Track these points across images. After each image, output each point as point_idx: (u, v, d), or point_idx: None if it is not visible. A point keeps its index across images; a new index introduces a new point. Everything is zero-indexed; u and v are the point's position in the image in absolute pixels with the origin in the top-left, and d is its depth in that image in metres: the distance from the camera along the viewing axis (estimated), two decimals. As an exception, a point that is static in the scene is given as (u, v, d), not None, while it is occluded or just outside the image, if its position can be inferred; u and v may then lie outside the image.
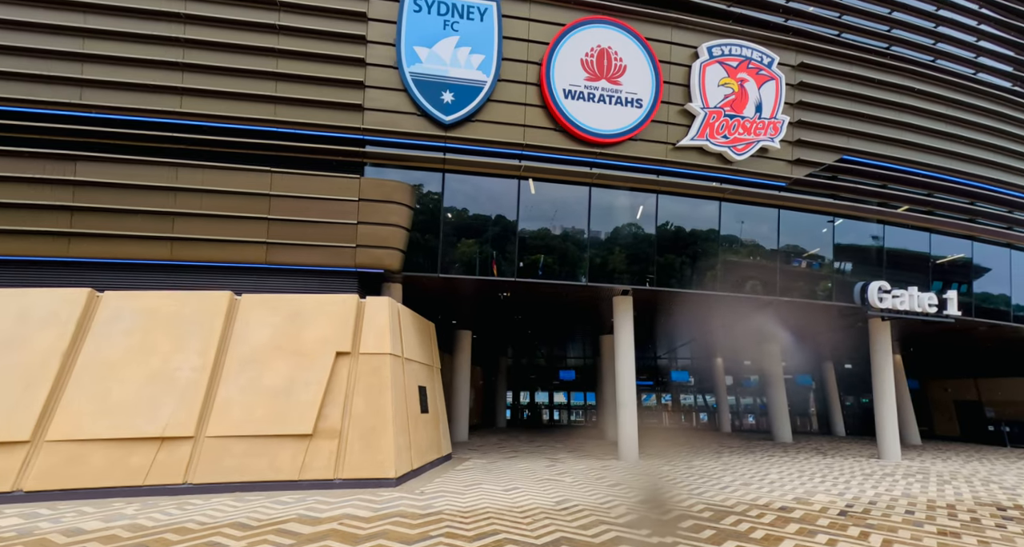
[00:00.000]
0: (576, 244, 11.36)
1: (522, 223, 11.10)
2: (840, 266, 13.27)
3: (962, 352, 21.77)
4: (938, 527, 6.09)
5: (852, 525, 6.01)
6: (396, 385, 8.91)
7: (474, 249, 10.95)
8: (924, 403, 26.55)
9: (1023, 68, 15.19)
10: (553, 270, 11.23)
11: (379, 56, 10.27)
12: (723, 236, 12.12)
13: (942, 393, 25.57)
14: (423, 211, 10.75)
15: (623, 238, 11.72)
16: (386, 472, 8.04)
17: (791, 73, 12.32)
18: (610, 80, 11.07)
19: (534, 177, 11.16)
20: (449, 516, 5.97)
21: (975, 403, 23.55)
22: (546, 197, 11.37)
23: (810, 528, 5.79)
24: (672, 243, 11.96)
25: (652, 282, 11.64)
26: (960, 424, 24.00)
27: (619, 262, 11.65)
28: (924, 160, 13.40)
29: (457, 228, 10.89)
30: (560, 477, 9.24)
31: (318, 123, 9.94)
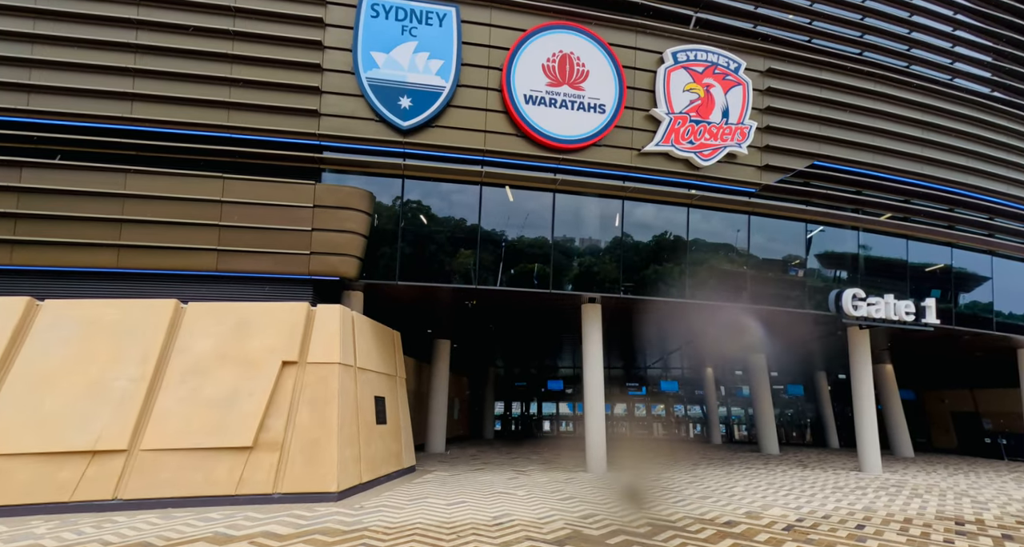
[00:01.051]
0: (540, 251, 11.16)
1: (484, 230, 10.92)
2: (816, 273, 13.04)
3: (958, 362, 21.33)
4: (880, 542, 5.80)
5: (791, 541, 5.73)
6: (345, 395, 8.67)
7: (434, 256, 10.76)
8: (921, 415, 26.05)
9: (1001, 73, 15.09)
10: (516, 277, 11.03)
11: (336, 61, 10.18)
12: (692, 243, 11.92)
13: (939, 404, 25.03)
14: (382, 218, 10.59)
15: (589, 245, 11.54)
16: (328, 486, 7.77)
17: (759, 78, 12.20)
18: (572, 86, 10.96)
19: (496, 183, 11.01)
20: (372, 533, 5.71)
21: (972, 414, 23.05)
22: (509, 204, 11.20)
23: (744, 544, 5.52)
24: (640, 250, 11.77)
25: (619, 290, 11.42)
26: (957, 436, 23.41)
27: (584, 269, 11.44)
28: (900, 166, 13.23)
29: (417, 235, 10.71)
30: (515, 490, 8.95)
31: (273, 129, 9.83)
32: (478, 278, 10.76)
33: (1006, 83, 14.90)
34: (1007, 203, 14.52)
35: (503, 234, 11.06)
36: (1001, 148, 14.53)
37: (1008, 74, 15.02)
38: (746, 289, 12.12)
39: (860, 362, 14.04)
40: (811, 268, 12.88)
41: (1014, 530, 6.72)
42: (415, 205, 10.79)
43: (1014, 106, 14.90)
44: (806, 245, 12.79)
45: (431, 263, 10.73)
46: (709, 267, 12.08)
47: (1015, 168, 14.72)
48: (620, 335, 18.95)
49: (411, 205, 10.77)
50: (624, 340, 19.91)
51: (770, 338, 17.15)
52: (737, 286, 12.12)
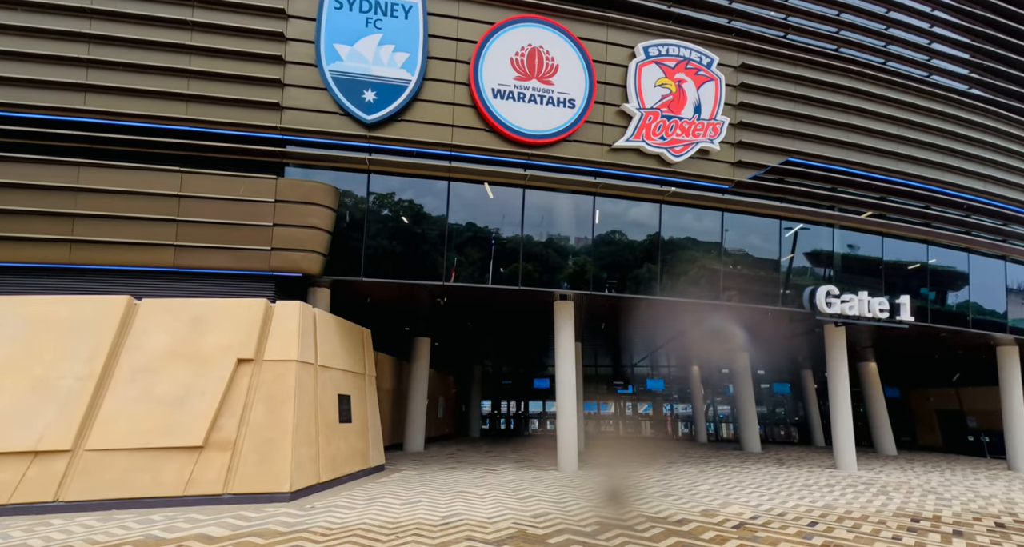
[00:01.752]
0: (509, 248, 11.02)
1: (452, 226, 10.76)
2: (791, 271, 12.96)
3: (943, 360, 21.26)
4: (827, 539, 5.71)
5: (736, 538, 5.62)
6: (303, 394, 8.51)
7: (401, 253, 10.60)
8: (907, 413, 26.08)
9: (979, 70, 15.05)
10: (485, 274, 10.88)
11: (299, 54, 9.99)
12: (664, 239, 11.81)
13: (924, 402, 25.07)
14: (348, 213, 10.42)
15: (559, 242, 11.40)
16: (280, 486, 7.61)
17: (733, 74, 12.09)
18: (541, 80, 10.82)
19: (464, 179, 10.85)
20: (311, 534, 5.56)
21: (957, 413, 23.09)
22: (478, 200, 11.05)
23: (688, 542, 5.41)
24: (613, 247, 11.65)
25: (591, 287, 11.29)
26: (943, 434, 23.45)
27: (555, 266, 11.31)
28: (876, 163, 13.16)
29: (383, 231, 10.55)
30: (478, 489, 8.82)
31: (233, 122, 9.63)
32: (445, 275, 10.61)
33: (984, 80, 14.87)
34: (984, 200, 14.48)
35: (471, 230, 10.90)
36: (978, 145, 14.48)
37: (986, 71, 14.98)
38: (720, 286, 12.02)
39: (836, 359, 13.99)
40: (786, 265, 12.79)
41: (967, 526, 6.65)
42: (381, 201, 10.63)
43: (992, 103, 14.87)
44: (782, 243, 12.70)
45: (397, 260, 10.57)
46: (682, 264, 11.98)
47: (992, 165, 14.69)
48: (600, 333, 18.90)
49: (377, 201, 10.60)
50: (605, 338, 19.83)
51: (750, 336, 17.13)
52: (711, 283, 12.02)
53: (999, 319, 15.21)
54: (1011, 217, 15.10)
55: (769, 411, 28.82)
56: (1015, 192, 15.11)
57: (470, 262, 10.80)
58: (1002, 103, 14.88)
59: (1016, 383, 16.57)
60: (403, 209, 10.70)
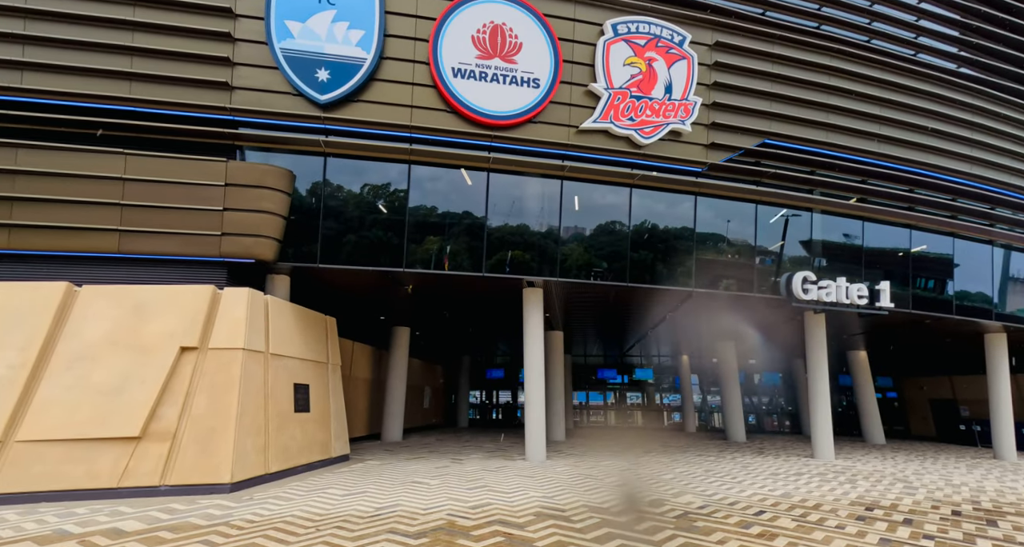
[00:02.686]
0: (473, 233, 10.71)
1: (413, 211, 10.45)
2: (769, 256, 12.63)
3: (936, 349, 20.84)
4: (764, 528, 5.48)
5: (671, 528, 5.39)
6: (250, 383, 8.27)
7: (359, 238, 10.30)
8: (899, 402, 25.81)
9: (968, 48, 14.53)
10: (448, 261, 10.58)
11: (249, 31, 9.62)
12: (635, 225, 11.47)
13: (917, 391, 24.75)
14: (305, 198, 10.11)
15: (525, 227, 11.07)
16: (220, 477, 7.39)
17: (706, 52, 11.67)
18: (504, 58, 10.43)
19: (425, 162, 10.52)
20: (230, 528, 5.33)
21: (950, 402, 22.78)
22: (439, 184, 10.73)
23: (619, 532, 5.17)
24: (580, 232, 11.33)
25: (558, 273, 10.99)
26: (935, 423, 23.16)
27: (521, 252, 11.00)
28: (858, 145, 12.76)
29: (341, 216, 10.24)
30: (432, 479, 8.60)
31: (180, 102, 9.29)
32: (406, 261, 10.32)
33: (974, 59, 14.37)
34: (971, 183, 14.07)
35: (432, 216, 10.59)
36: (965, 126, 14.05)
37: (976, 49, 14.47)
38: (693, 273, 11.71)
39: (815, 347, 13.71)
40: (762, 250, 12.45)
41: (921, 514, 6.41)
42: (338, 185, 10.31)
43: (981, 83, 14.39)
44: (759, 227, 12.34)
45: (355, 246, 10.28)
46: (653, 250, 11.66)
47: (980, 147, 14.25)
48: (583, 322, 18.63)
49: (335, 184, 10.28)
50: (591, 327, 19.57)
51: (734, 324, 16.84)
52: (683, 270, 11.71)
53: (985, 305, 14.89)
54: (999, 201, 14.71)
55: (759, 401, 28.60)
56: (1004, 175, 14.69)
57: (430, 249, 10.50)
58: (992, 83, 14.40)
59: (1003, 371, 16.31)
60: (361, 194, 10.39)
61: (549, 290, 12.28)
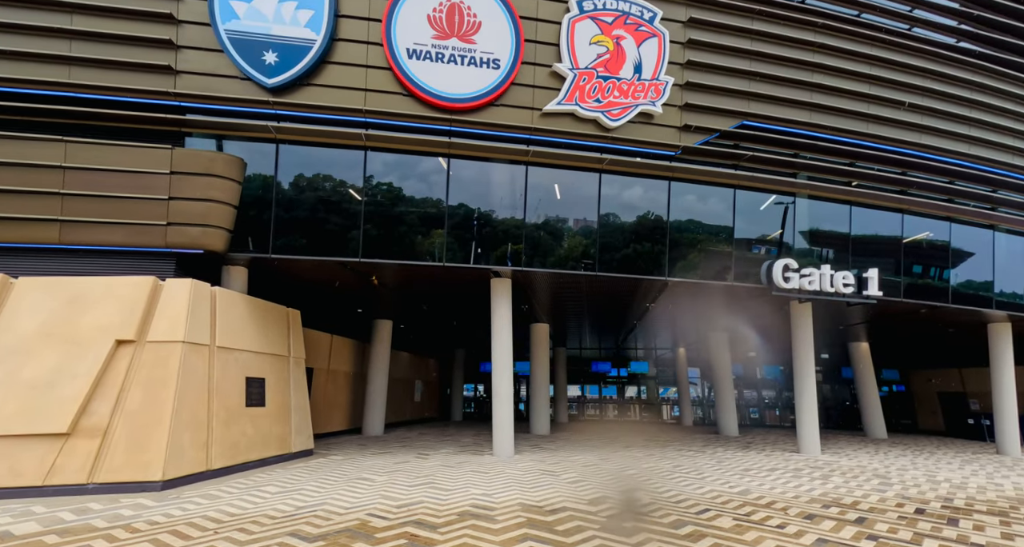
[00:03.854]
0: (433, 221, 10.33)
1: (370, 199, 10.09)
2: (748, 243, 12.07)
3: (945, 340, 19.91)
4: (696, 528, 5.08)
5: (595, 528, 4.98)
6: (191, 376, 8.00)
7: (315, 228, 9.97)
8: (908, 395, 24.94)
9: (970, 21, 13.69)
10: (408, 250, 10.22)
11: (194, 12, 9.28)
12: (604, 211, 11.00)
13: (925, 384, 23.74)
14: (257, 186, 9.80)
15: (489, 214, 10.66)
16: (151, 475, 7.15)
17: (680, 30, 11.10)
18: (462, 38, 9.98)
19: (381, 148, 10.14)
20: (126, 530, 5.05)
21: (959, 395, 21.90)
22: (397, 170, 10.35)
23: (535, 534, 4.79)
24: (547, 220, 10.88)
25: (522, 262, 10.58)
26: (944, 418, 22.22)
27: (484, 241, 10.60)
28: (845, 126, 12.11)
29: (296, 205, 9.92)
30: (382, 476, 8.29)
31: (123, 87, 9.00)
32: (363, 251, 9.98)
33: (975, 32, 13.55)
34: (969, 164, 13.33)
35: (390, 204, 10.22)
36: (964, 104, 13.28)
37: (977, 21, 13.63)
38: (667, 261, 11.22)
39: (801, 338, 13.16)
40: (741, 238, 11.90)
41: (879, 513, 5.95)
42: (292, 172, 9.97)
43: (983, 57, 13.58)
44: (736, 213, 11.79)
45: (310, 235, 9.95)
46: (625, 237, 11.18)
47: (979, 126, 13.49)
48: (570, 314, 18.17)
49: (288, 172, 9.95)
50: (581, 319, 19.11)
51: (718, 314, 16.31)
52: (657, 257, 11.23)
53: (986, 294, 14.18)
54: (1000, 182, 13.94)
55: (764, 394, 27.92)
56: (1007, 155, 13.91)
57: (388, 238, 10.14)
58: (995, 57, 13.57)
59: (1007, 362, 15.61)
60: (316, 181, 10.05)
61: (524, 281, 11.86)
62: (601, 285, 12.23)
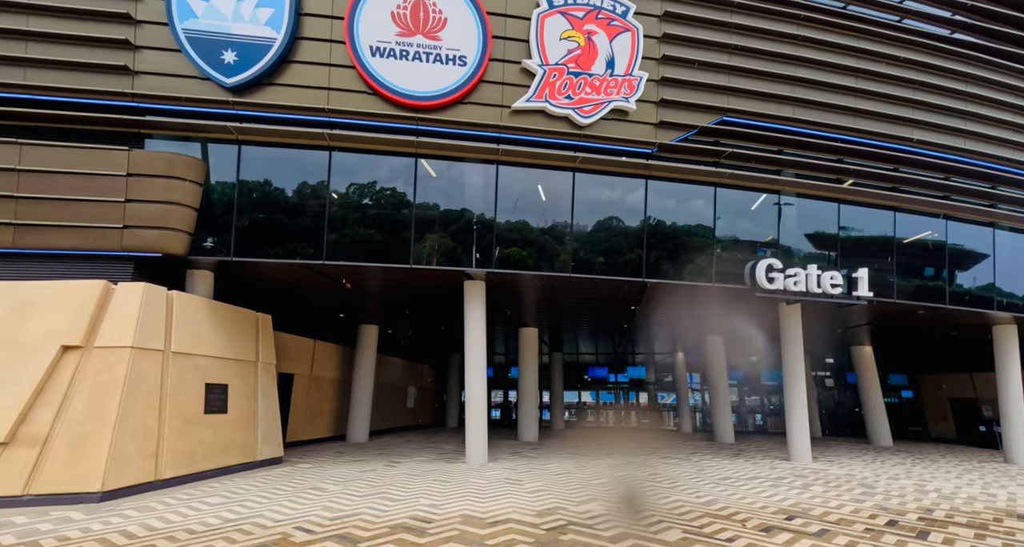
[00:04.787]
0: (400, 223, 10.06)
1: (336, 201, 9.85)
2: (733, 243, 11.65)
3: (955, 343, 19.09)
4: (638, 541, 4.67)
5: (530, 542, 4.65)
6: (139, 383, 7.76)
7: (278, 230, 9.75)
8: (917, 401, 23.94)
9: (964, 12, 13.17)
10: (376, 252, 9.95)
11: (153, 12, 9.14)
12: (578, 210, 10.66)
13: (936, 390, 22.55)
14: (220, 188, 9.61)
15: (458, 216, 10.37)
16: (90, 485, 6.90)
17: (655, 24, 10.78)
18: (427, 35, 9.75)
19: (346, 148, 9.91)
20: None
21: (971, 401, 20.76)
22: (364, 170, 10.11)
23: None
24: (519, 220, 10.56)
25: (493, 264, 10.26)
26: (956, 424, 21.24)
27: (455, 242, 10.31)
28: (831, 121, 11.69)
29: (258, 207, 9.71)
30: (337, 485, 7.97)
31: (79, 89, 8.87)
32: (327, 253, 9.73)
33: (970, 23, 13.04)
34: (966, 160, 12.81)
35: (357, 206, 9.98)
36: (959, 98, 12.77)
37: (972, 12, 13.12)
38: (644, 261, 10.84)
39: (790, 340, 12.67)
40: (723, 237, 11.48)
41: (845, 525, 5.53)
42: (256, 173, 9.77)
43: (980, 49, 13.07)
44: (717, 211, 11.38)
45: (273, 237, 9.73)
46: (600, 238, 10.83)
47: (976, 120, 12.97)
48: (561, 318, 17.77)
49: (251, 173, 9.75)
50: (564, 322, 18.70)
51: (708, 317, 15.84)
52: (634, 258, 10.85)
53: (988, 294, 13.60)
54: (1000, 178, 13.39)
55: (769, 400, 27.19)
56: (1005, 150, 13.37)
57: (353, 240, 9.89)
58: (992, 48, 13.07)
59: (1013, 366, 14.95)
60: (279, 183, 9.83)
61: (500, 284, 11.50)
62: (579, 287, 11.88)
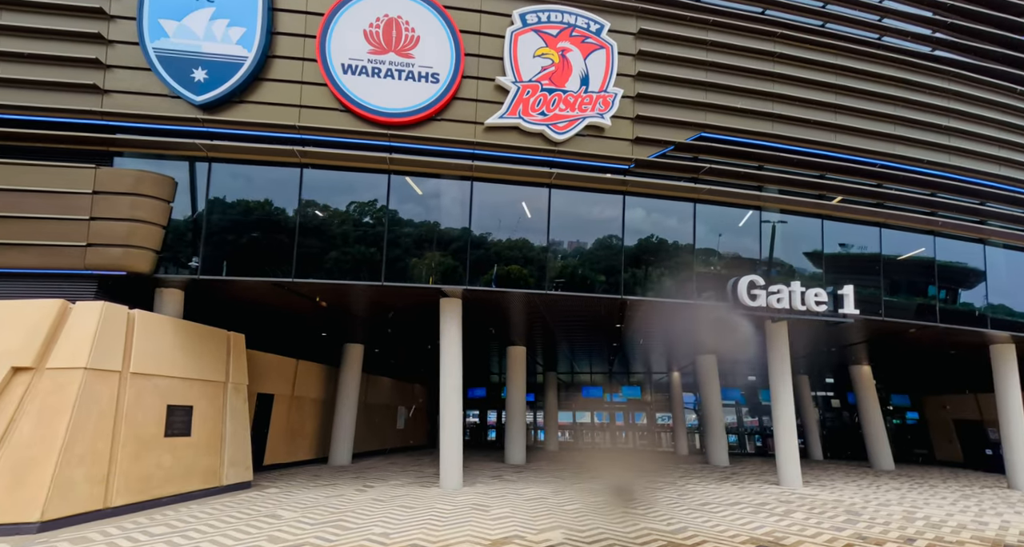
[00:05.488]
0: (371, 239, 9.91)
1: (306, 218, 9.73)
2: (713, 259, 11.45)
3: (958, 363, 18.50)
4: None
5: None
6: (91, 405, 7.52)
7: (248, 248, 9.61)
8: (922, 423, 23.09)
9: (944, 29, 13.16)
10: (347, 270, 9.78)
11: (124, 32, 9.19)
12: (555, 226, 10.49)
13: (940, 411, 21.75)
14: (190, 205, 9.51)
15: (431, 232, 10.21)
16: (28, 515, 6.60)
17: (631, 41, 10.78)
18: (400, 53, 9.75)
19: (317, 164, 9.83)
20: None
21: (977, 423, 19.83)
22: (336, 188, 10.02)
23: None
24: (497, 236, 10.40)
25: (466, 281, 10.07)
26: (963, 447, 20.39)
27: (429, 259, 10.13)
28: (813, 138, 11.59)
29: (228, 225, 9.59)
30: (299, 511, 7.63)
31: (49, 107, 8.85)
32: (296, 271, 9.56)
33: (951, 41, 12.99)
34: (951, 175, 12.65)
35: (328, 223, 9.85)
36: (943, 114, 12.67)
37: (952, 29, 13.11)
38: (622, 278, 10.61)
39: (777, 359, 12.35)
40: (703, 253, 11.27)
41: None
42: (227, 191, 9.68)
43: (961, 66, 13.02)
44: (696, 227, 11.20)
45: (244, 255, 9.58)
46: (577, 254, 10.65)
47: (961, 136, 12.86)
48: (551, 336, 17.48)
49: (222, 191, 9.66)
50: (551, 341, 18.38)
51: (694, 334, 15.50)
52: (611, 275, 10.64)
53: (980, 312, 13.28)
54: (988, 194, 13.20)
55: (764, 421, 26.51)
56: (991, 166, 13.21)
57: (324, 257, 9.73)
58: (974, 65, 13.03)
59: (1013, 387, 14.48)
60: (250, 200, 9.73)
61: (478, 301, 11.25)
62: (559, 304, 11.66)
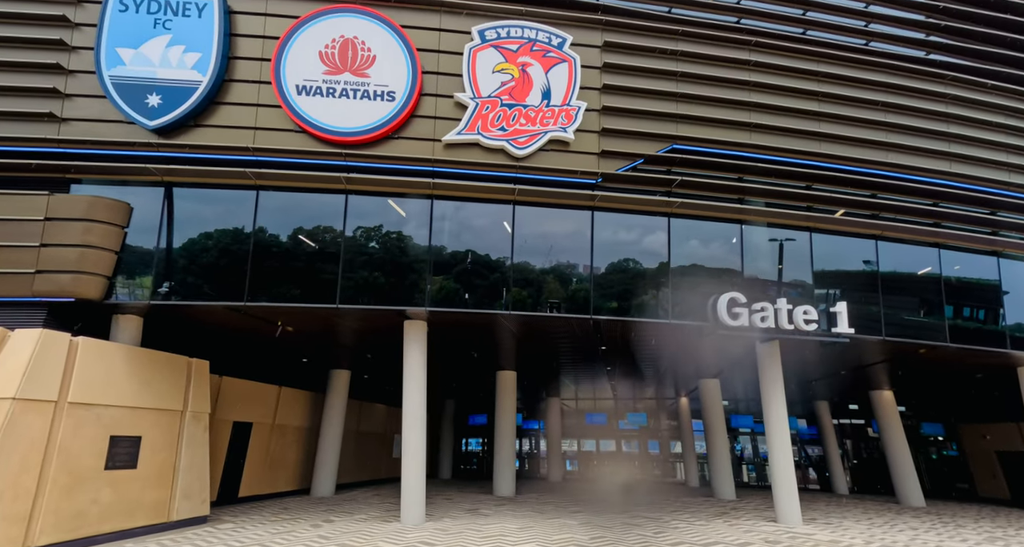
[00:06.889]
0: (328, 261, 9.63)
1: (260, 240, 9.54)
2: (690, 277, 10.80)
3: (994, 386, 16.76)
4: None
5: None
6: (17, 438, 7.23)
7: (201, 272, 9.43)
8: (960, 454, 20.91)
9: (939, 32, 12.52)
10: (301, 291, 9.50)
11: (85, 62, 9.33)
12: (519, 244, 10.06)
13: (979, 441, 19.59)
14: (145, 230, 9.42)
15: (394, 251, 9.89)
16: (-65, 552, 6.29)
17: (595, 54, 10.49)
18: (355, 72, 9.65)
19: (272, 186, 9.69)
20: None
21: (1022, 455, 17.76)
22: (291, 210, 9.83)
23: None
24: (459, 255, 10.02)
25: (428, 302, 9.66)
26: (1008, 483, 18.17)
27: (388, 279, 9.79)
28: (797, 147, 11.03)
29: (184, 248, 9.45)
30: None
31: (2, 136, 8.95)
32: (248, 294, 9.30)
33: (946, 43, 12.36)
34: (955, 184, 11.83)
35: (283, 245, 9.63)
36: (941, 119, 11.96)
37: (946, 32, 12.47)
38: (592, 297, 10.06)
39: (769, 382, 11.45)
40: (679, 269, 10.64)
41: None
42: (182, 214, 9.58)
43: (957, 69, 12.33)
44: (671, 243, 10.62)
45: (197, 279, 9.40)
46: (542, 272, 10.16)
47: (961, 142, 12.08)
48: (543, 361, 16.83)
49: (178, 214, 9.56)
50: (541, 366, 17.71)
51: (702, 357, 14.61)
52: (580, 295, 10.10)
53: (997, 329, 12.22)
54: (998, 203, 12.31)
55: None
56: (1000, 173, 12.34)
57: (278, 279, 9.47)
58: (972, 68, 12.33)
59: (1044, 412, 13.21)
60: (204, 224, 9.60)
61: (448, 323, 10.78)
62: (529, 325, 11.12)
